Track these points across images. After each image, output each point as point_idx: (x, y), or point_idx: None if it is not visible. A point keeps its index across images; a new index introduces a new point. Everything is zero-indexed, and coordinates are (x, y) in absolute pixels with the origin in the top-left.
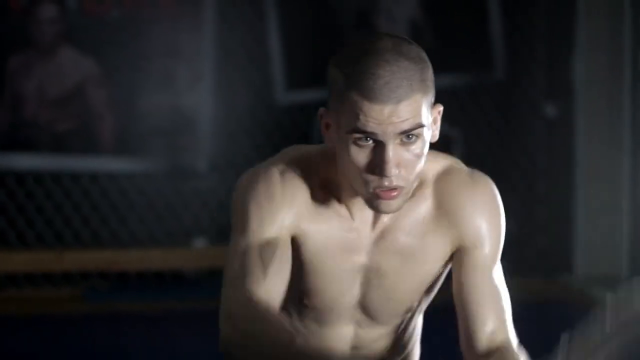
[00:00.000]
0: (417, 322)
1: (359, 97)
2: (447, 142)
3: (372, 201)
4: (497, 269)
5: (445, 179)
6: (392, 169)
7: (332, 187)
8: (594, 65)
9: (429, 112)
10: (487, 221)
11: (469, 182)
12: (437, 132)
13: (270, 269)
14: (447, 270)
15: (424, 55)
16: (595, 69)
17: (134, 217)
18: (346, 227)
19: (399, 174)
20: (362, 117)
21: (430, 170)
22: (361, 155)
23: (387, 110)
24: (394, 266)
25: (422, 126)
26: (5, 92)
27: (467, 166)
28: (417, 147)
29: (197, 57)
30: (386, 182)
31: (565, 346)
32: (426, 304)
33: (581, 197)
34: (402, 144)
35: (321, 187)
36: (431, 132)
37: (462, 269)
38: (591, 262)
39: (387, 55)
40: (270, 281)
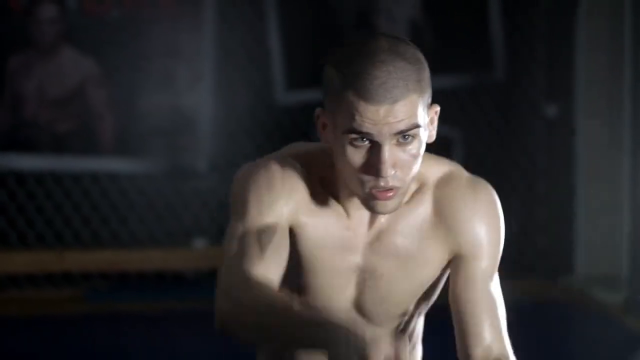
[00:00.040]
0: (417, 325)
1: (355, 97)
2: (447, 142)
3: (368, 201)
4: (495, 280)
5: (445, 185)
6: (388, 170)
7: (330, 185)
8: (594, 65)
9: (426, 112)
10: (487, 231)
11: (470, 189)
12: (434, 133)
13: (267, 252)
14: (445, 275)
15: (420, 55)
16: (595, 69)
17: (134, 218)
18: (343, 226)
19: (395, 175)
20: (358, 117)
21: (431, 174)
22: (357, 155)
23: (383, 110)
24: (389, 268)
25: (418, 126)
26: (5, 92)
27: (469, 172)
28: (413, 148)
29: (197, 57)
30: (382, 182)
31: None
32: (426, 307)
33: (581, 197)
34: (398, 144)
35: (320, 185)
36: (428, 132)
37: (459, 279)
38: (591, 262)
39: (383, 55)
40: (267, 262)
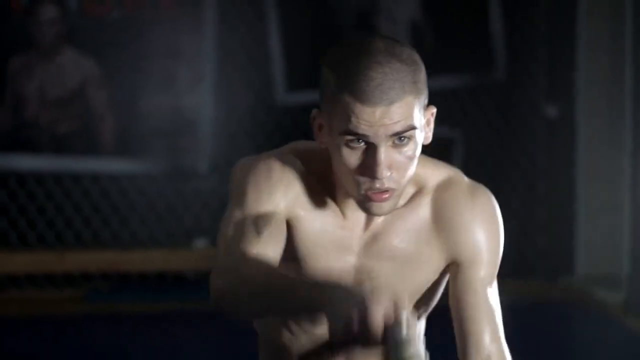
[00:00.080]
0: (418, 327)
1: (350, 98)
2: (447, 142)
3: (364, 203)
4: (494, 286)
5: (445, 190)
6: (383, 171)
7: (328, 185)
8: (594, 65)
9: (422, 114)
10: (486, 237)
11: (469, 195)
12: (431, 134)
13: (264, 235)
14: (445, 280)
15: (417, 56)
16: (596, 70)
17: (135, 218)
18: (339, 225)
19: (391, 176)
20: (353, 119)
21: (430, 178)
22: (353, 157)
23: (378, 112)
24: (385, 270)
25: (414, 128)
26: (6, 93)
27: (469, 173)
28: (409, 149)
29: (197, 58)
30: (378, 184)
31: None
32: (426, 312)
33: (581, 197)
34: (394, 146)
35: (318, 183)
36: (424, 134)
37: (458, 285)
38: (591, 262)
39: (379, 56)
40: (263, 244)
